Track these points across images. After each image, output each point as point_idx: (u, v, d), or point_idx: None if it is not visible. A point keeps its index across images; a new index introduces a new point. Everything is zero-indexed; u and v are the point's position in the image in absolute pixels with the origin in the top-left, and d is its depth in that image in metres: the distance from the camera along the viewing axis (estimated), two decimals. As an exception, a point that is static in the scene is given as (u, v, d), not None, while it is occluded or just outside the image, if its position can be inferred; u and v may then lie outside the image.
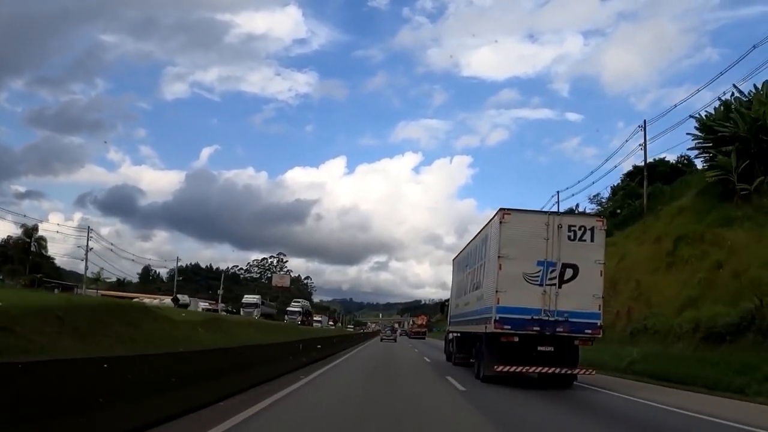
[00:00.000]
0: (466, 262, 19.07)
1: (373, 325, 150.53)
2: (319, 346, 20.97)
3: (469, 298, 17.72)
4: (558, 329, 13.31)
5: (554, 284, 13.43)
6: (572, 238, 13.66)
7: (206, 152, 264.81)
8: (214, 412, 7.76)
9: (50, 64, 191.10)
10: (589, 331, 13.43)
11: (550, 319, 13.30)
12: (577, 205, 46.44)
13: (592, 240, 13.67)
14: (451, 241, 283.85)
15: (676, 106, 69.92)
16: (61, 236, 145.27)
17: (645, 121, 35.57)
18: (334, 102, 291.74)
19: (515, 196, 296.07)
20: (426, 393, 12.63)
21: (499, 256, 13.46)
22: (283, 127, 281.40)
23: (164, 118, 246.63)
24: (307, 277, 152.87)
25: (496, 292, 13.34)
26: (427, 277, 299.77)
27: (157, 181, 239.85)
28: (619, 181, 43.24)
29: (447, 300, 25.37)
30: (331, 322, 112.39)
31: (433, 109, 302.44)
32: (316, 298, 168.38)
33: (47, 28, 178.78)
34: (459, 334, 21.05)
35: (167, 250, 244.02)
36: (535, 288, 13.41)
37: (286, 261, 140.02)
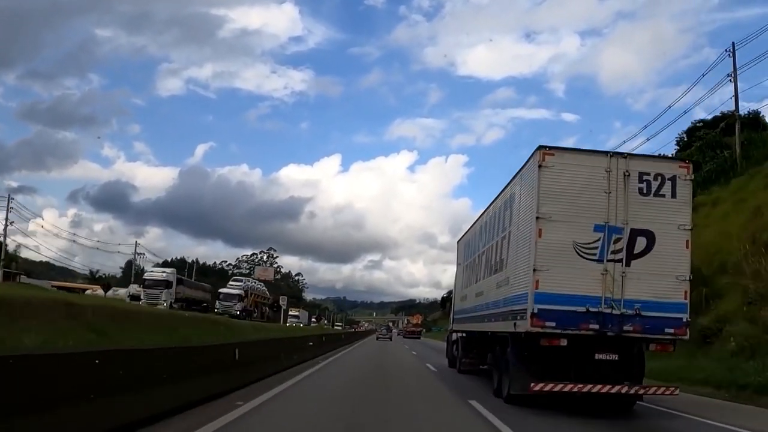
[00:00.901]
0: (478, 238, 14.52)
1: (366, 324, 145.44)
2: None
3: (483, 286, 13.19)
4: (626, 327, 8.85)
5: (620, 260, 8.97)
6: (645, 191, 9.18)
7: (201, 149, 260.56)
8: None
9: (43, 58, 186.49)
10: (671, 330, 8.96)
11: (615, 312, 8.84)
12: None
13: (673, 195, 9.19)
14: (445, 240, 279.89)
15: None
16: (54, 231, 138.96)
17: (733, 44, 29.71)
18: (330, 100, 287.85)
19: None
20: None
21: (537, 217, 8.92)
22: (279, 124, 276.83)
23: (159, 114, 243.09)
24: (298, 274, 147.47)
25: (534, 271, 8.81)
26: (422, 276, 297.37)
27: (151, 177, 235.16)
28: (677, 141, 37.07)
29: (449, 293, 20.87)
30: (314, 319, 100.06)
31: (428, 108, 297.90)
32: (309, 296, 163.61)
33: (40, 21, 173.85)
34: (465, 335, 16.57)
35: (160, 246, 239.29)
36: (591, 265, 8.93)
37: (276, 256, 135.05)
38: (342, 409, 8.96)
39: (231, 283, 57.26)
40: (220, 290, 53.13)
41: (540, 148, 9.11)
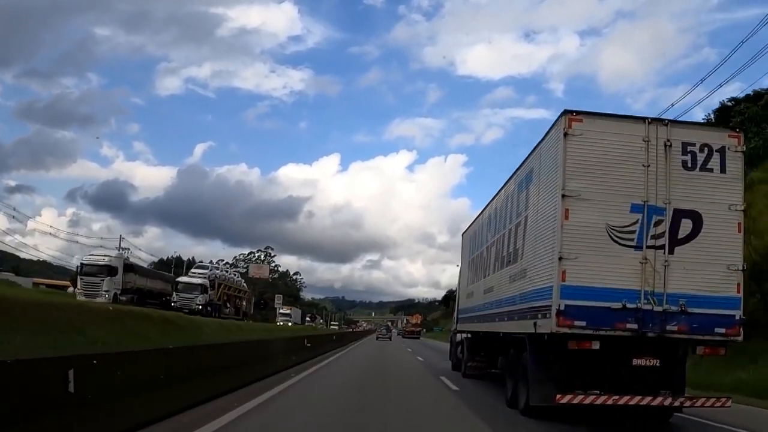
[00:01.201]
0: (486, 228, 13.06)
1: (365, 324, 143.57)
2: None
3: (493, 281, 11.73)
4: (669, 327, 7.41)
5: (662, 246, 7.52)
6: (690, 165, 7.73)
7: (200, 148, 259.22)
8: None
9: (41, 57, 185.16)
10: (722, 330, 7.50)
11: (656, 308, 7.39)
12: None
13: (722, 169, 7.74)
14: (444, 240, 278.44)
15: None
16: (50, 231, 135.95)
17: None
18: (329, 99, 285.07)
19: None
20: None
21: (563, 195, 7.46)
22: (278, 123, 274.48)
23: (158, 114, 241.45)
24: (296, 273, 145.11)
25: (560, 260, 7.34)
26: (420, 276, 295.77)
27: (150, 177, 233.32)
28: (709, 116, 34.50)
29: (452, 290, 19.37)
30: (308, 318, 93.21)
31: (428, 108, 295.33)
32: (308, 296, 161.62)
33: (38, 19, 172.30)
34: (471, 336, 15.12)
35: (159, 246, 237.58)
36: (628, 253, 7.47)
37: (274, 255, 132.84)
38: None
39: (193, 270, 45.54)
40: (178, 279, 43.02)
41: (566, 112, 7.64)
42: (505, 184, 11.31)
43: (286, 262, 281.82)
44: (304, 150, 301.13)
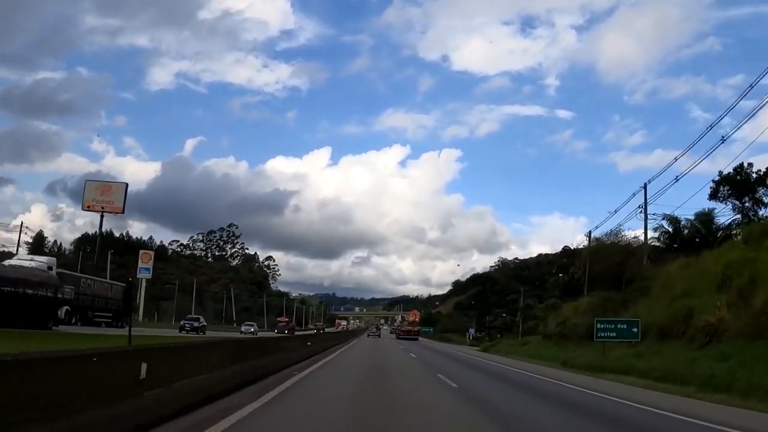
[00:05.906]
0: None
1: (347, 323, 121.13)
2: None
3: None
4: None
5: None
6: None
7: (191, 143, 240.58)
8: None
9: (21, 44, 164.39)
10: None
11: None
12: None
13: None
14: (434, 236, 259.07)
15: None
16: (36, 226, 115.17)
17: None
18: (323, 94, 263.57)
19: (506, 193, 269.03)
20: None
21: None
22: (269, 116, 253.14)
23: (147, 108, 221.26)
24: (269, 258, 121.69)
25: None
26: (410, 273, 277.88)
27: (137, 171, 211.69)
28: None
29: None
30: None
31: (422, 103, 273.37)
32: (294, 292, 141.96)
33: (13, 4, 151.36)
34: None
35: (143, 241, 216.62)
36: None
37: (239, 235, 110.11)
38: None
39: None
40: None
41: None
42: None
43: (276, 258, 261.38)
44: (298, 144, 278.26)
